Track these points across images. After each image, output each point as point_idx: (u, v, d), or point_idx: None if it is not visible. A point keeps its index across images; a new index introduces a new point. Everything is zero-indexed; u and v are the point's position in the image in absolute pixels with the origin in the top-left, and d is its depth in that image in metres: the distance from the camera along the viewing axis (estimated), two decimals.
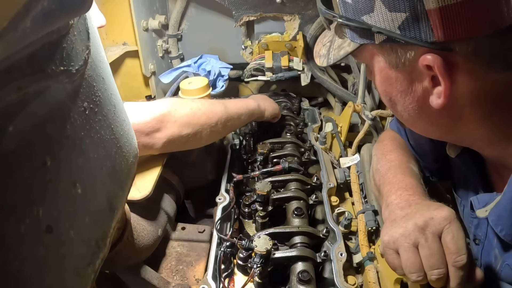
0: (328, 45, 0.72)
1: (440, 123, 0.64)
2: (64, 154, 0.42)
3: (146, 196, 0.94)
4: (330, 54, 0.70)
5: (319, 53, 0.75)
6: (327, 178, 1.07)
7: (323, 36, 0.78)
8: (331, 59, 0.70)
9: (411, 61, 0.57)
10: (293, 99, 1.54)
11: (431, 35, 0.53)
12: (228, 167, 1.16)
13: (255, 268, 0.79)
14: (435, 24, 0.52)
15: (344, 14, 0.61)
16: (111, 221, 0.57)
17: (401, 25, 0.54)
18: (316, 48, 0.78)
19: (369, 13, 0.56)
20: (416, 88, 0.60)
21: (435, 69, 0.54)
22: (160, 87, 1.66)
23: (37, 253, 0.38)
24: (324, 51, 0.73)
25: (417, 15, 0.52)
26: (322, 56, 0.73)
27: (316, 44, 0.78)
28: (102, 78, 0.51)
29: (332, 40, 0.71)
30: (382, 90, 0.68)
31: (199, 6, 1.62)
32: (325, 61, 0.72)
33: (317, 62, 0.75)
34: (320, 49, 0.75)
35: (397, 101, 0.66)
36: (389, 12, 0.54)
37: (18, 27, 0.30)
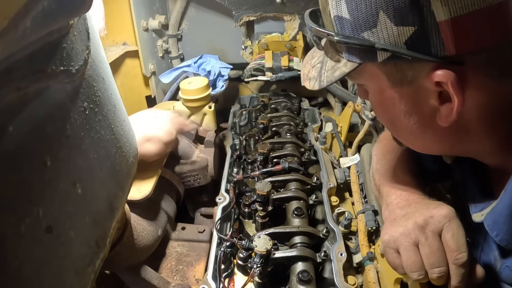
0: (319, 66, 0.67)
1: (444, 140, 0.61)
2: (64, 154, 0.42)
3: (146, 196, 0.94)
4: (323, 76, 0.65)
5: (307, 75, 0.70)
6: (327, 178, 1.07)
7: (310, 57, 0.73)
8: (323, 82, 0.64)
9: (418, 78, 0.54)
10: (293, 99, 1.54)
11: (442, 49, 0.49)
12: (228, 167, 1.16)
13: (255, 268, 0.79)
14: (447, 37, 0.48)
15: (340, 31, 0.56)
16: (111, 221, 0.57)
17: (408, 40, 0.50)
18: (303, 70, 0.72)
19: (371, 28, 0.52)
20: (422, 107, 0.57)
21: (448, 86, 0.51)
22: (160, 87, 1.66)
23: (37, 253, 0.38)
24: (314, 73, 0.68)
25: (426, 28, 0.49)
26: (313, 79, 0.68)
27: (303, 67, 0.73)
28: (102, 78, 0.51)
29: (323, 61, 0.66)
30: (382, 111, 0.64)
31: (199, 6, 1.62)
32: (317, 84, 0.66)
33: (307, 85, 0.69)
34: (309, 72, 0.70)
35: (398, 122, 0.62)
36: (395, 27, 0.50)
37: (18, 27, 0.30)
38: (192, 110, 1.36)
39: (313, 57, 0.71)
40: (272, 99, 1.53)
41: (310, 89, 0.68)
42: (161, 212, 1.09)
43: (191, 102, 1.33)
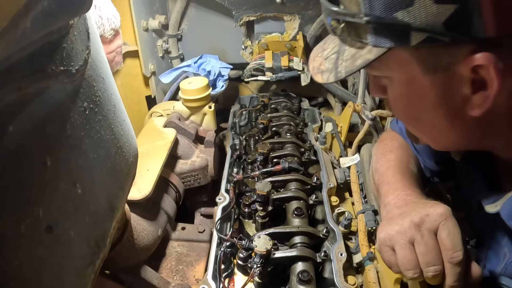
0: (334, 57, 0.61)
1: (470, 132, 0.58)
2: (64, 154, 0.42)
3: (146, 196, 0.94)
4: (340, 67, 0.59)
5: (319, 68, 0.64)
6: (327, 178, 1.07)
7: (321, 50, 0.67)
8: (341, 73, 0.58)
9: (453, 64, 0.50)
10: (293, 99, 1.54)
11: (482, 30, 0.45)
12: (228, 167, 1.16)
13: (255, 268, 0.79)
14: (488, 16, 0.44)
15: (370, 11, 0.50)
16: (111, 221, 0.57)
17: (448, 19, 0.46)
18: (313, 64, 0.67)
19: (407, 7, 0.47)
20: (453, 96, 0.53)
21: (489, 70, 0.47)
22: (160, 87, 1.66)
23: (37, 253, 0.38)
24: (328, 65, 0.62)
25: (469, 5, 0.44)
26: (326, 71, 0.62)
27: (312, 60, 0.68)
28: (102, 78, 0.51)
29: (339, 51, 0.60)
30: (406, 104, 0.59)
31: (199, 6, 1.62)
32: (332, 76, 0.60)
33: (319, 79, 0.63)
34: (321, 64, 0.64)
35: (424, 116, 0.58)
36: (435, 5, 0.45)
37: (18, 27, 0.30)
38: (192, 110, 1.36)
39: (325, 49, 0.66)
40: (272, 99, 1.53)
41: (323, 82, 0.63)
42: (161, 212, 1.09)
43: (191, 102, 1.33)
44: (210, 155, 1.28)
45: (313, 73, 0.66)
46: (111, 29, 0.95)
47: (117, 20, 0.99)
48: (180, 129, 1.27)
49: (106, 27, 0.94)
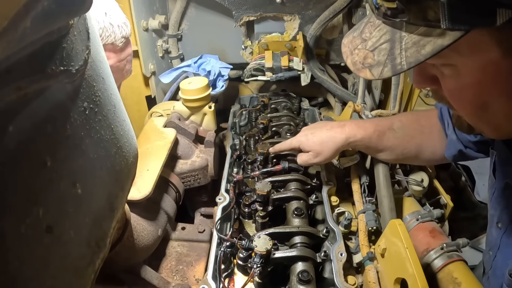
0: (387, 46, 0.53)
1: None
2: (64, 154, 0.42)
3: (146, 196, 0.94)
4: (399, 58, 0.51)
5: (364, 63, 0.56)
6: (327, 178, 1.07)
7: (359, 40, 0.59)
8: (403, 65, 0.51)
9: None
10: (293, 99, 1.54)
11: None
12: (228, 167, 1.16)
13: (255, 268, 0.79)
14: None
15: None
16: (111, 221, 0.57)
17: None
18: (352, 58, 0.59)
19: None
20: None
21: None
22: (160, 87, 1.66)
23: (37, 253, 0.38)
24: (379, 57, 0.54)
25: None
26: (378, 65, 0.54)
27: (350, 54, 0.60)
28: (102, 78, 0.51)
29: (392, 39, 0.53)
30: (475, 93, 0.54)
31: (199, 6, 1.62)
32: (389, 70, 0.52)
33: (367, 75, 0.56)
34: (366, 58, 0.56)
35: (494, 103, 0.54)
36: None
37: (18, 27, 0.30)
38: (192, 110, 1.36)
39: (366, 39, 0.58)
40: (272, 99, 1.53)
41: (375, 78, 0.55)
42: (161, 212, 1.09)
43: (191, 102, 1.33)
44: (210, 155, 1.28)
45: (355, 69, 0.58)
46: (122, 37, 0.95)
47: (128, 28, 0.98)
48: (180, 129, 1.27)
49: (117, 35, 0.93)
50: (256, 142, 1.29)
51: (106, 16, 0.91)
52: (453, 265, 0.90)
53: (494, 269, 0.78)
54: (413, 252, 0.72)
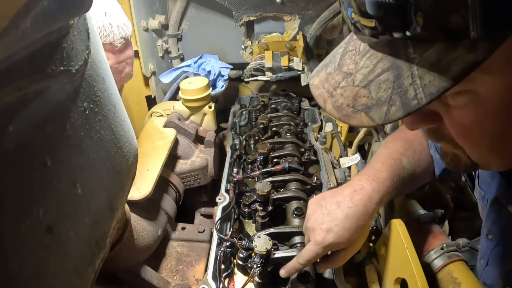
0: (389, 77, 0.40)
1: None
2: (64, 154, 0.42)
3: (146, 196, 0.94)
4: (413, 90, 0.38)
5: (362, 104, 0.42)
6: (327, 178, 1.07)
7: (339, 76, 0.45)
8: (420, 98, 0.37)
9: None
10: (293, 99, 1.54)
11: None
12: (228, 167, 1.16)
13: (255, 268, 0.79)
14: None
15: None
16: (111, 221, 0.57)
17: None
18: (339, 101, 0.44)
19: None
20: None
21: None
22: (160, 87, 1.66)
23: (37, 253, 0.38)
24: (381, 94, 0.40)
25: None
26: (379, 103, 0.40)
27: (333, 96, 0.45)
28: (102, 78, 0.51)
29: (397, 66, 0.39)
30: (503, 121, 0.42)
31: (199, 6, 1.62)
32: (400, 109, 0.39)
33: (364, 122, 0.42)
34: (357, 97, 0.42)
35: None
36: None
37: (18, 27, 0.30)
38: (192, 110, 1.36)
39: (350, 72, 0.44)
40: (272, 99, 1.53)
41: (378, 124, 0.41)
42: (161, 212, 1.09)
43: (191, 102, 1.33)
44: (210, 155, 1.28)
45: (342, 115, 0.44)
46: (121, 38, 0.94)
47: (128, 29, 0.97)
48: (180, 129, 1.27)
49: (116, 35, 0.92)
50: (256, 142, 1.29)
51: (106, 16, 0.90)
52: (453, 265, 0.90)
53: (484, 278, 0.78)
54: (413, 252, 0.72)
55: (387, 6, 0.35)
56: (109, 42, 0.92)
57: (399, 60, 0.39)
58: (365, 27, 0.39)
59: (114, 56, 0.96)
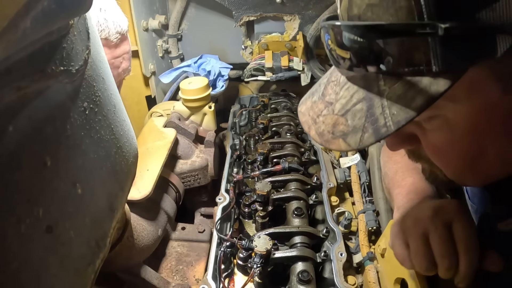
0: (363, 107, 0.43)
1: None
2: (64, 154, 0.42)
3: (146, 196, 0.94)
4: (383, 119, 0.41)
5: (340, 130, 0.45)
6: (327, 178, 1.07)
7: (321, 105, 0.49)
8: (389, 126, 0.41)
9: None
10: (293, 99, 1.54)
11: None
12: (228, 167, 1.16)
13: (255, 268, 0.79)
14: None
15: (437, 17, 0.34)
16: (111, 221, 0.57)
17: None
18: (321, 127, 0.48)
19: (492, 2, 0.33)
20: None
21: None
22: (160, 87, 1.66)
23: (37, 253, 0.38)
24: (356, 122, 0.44)
25: None
26: (354, 130, 0.44)
27: (316, 123, 0.49)
28: (102, 78, 0.51)
29: (370, 97, 0.43)
30: (469, 142, 0.45)
31: (199, 6, 1.62)
32: (371, 135, 0.42)
33: (342, 146, 0.45)
34: (336, 124, 0.46)
35: (490, 149, 0.46)
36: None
37: (18, 27, 0.30)
38: (192, 110, 1.36)
39: (331, 102, 0.48)
40: (272, 99, 1.53)
41: (353, 149, 0.45)
42: (161, 212, 1.09)
43: (191, 102, 1.33)
44: (210, 155, 1.28)
45: (323, 140, 0.48)
46: (117, 33, 0.94)
47: (124, 24, 0.97)
48: (180, 129, 1.27)
49: (112, 30, 0.92)
50: (256, 142, 1.29)
51: (101, 11, 0.90)
52: None
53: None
54: None
55: (359, 43, 0.38)
56: (104, 37, 0.92)
57: (371, 91, 0.43)
58: (340, 57, 0.43)
59: (110, 51, 0.96)
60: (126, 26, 0.98)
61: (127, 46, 1.02)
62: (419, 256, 0.58)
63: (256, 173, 1.09)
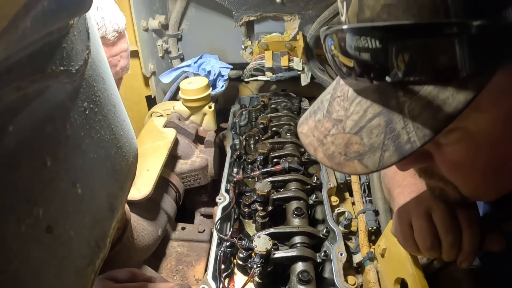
0: (381, 122, 0.39)
1: None
2: (64, 154, 0.42)
3: (146, 196, 0.94)
4: (406, 134, 0.37)
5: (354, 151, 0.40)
6: (327, 178, 1.07)
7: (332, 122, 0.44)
8: (414, 142, 0.36)
9: None
10: (293, 99, 1.54)
11: None
12: (228, 167, 1.16)
13: (255, 268, 0.79)
14: None
15: (462, 13, 0.31)
16: (111, 221, 0.57)
17: None
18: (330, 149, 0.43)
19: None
20: None
21: None
22: (160, 87, 1.66)
23: (37, 253, 0.38)
24: (374, 139, 0.39)
25: None
26: (372, 149, 0.39)
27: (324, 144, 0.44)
28: (102, 78, 0.51)
29: (388, 110, 0.38)
30: (494, 154, 0.41)
31: (199, 6, 1.62)
32: (393, 153, 0.38)
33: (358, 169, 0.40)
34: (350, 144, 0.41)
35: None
36: None
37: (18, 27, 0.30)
38: (192, 110, 1.36)
39: (339, 119, 0.43)
40: (272, 99, 1.53)
41: (371, 171, 0.40)
42: (161, 212, 1.09)
43: (191, 102, 1.33)
44: (210, 155, 1.28)
45: (334, 164, 0.42)
46: (114, 31, 0.94)
47: (122, 22, 0.97)
48: (180, 129, 1.27)
49: (109, 29, 0.92)
50: (256, 142, 1.29)
51: (98, 10, 0.91)
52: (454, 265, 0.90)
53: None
54: None
55: (375, 49, 0.34)
56: (102, 35, 0.92)
57: (389, 104, 0.38)
58: (348, 67, 0.38)
59: (107, 50, 0.96)
60: (123, 24, 0.98)
61: (124, 44, 1.02)
62: (423, 232, 0.56)
63: (256, 173, 1.09)
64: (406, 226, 0.60)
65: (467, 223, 0.54)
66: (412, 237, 0.59)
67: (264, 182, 0.99)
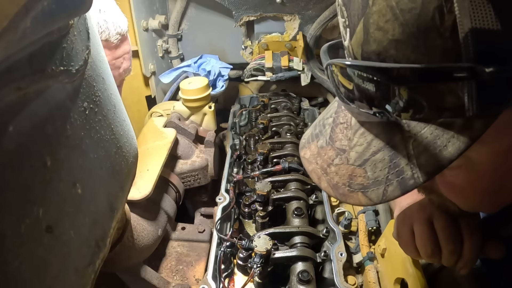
0: (385, 157, 0.39)
1: None
2: (64, 154, 0.42)
3: (146, 196, 0.94)
4: (410, 170, 0.37)
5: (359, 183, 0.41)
6: None
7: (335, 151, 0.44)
8: (417, 178, 0.37)
9: None
10: (293, 99, 1.54)
11: None
12: (228, 167, 1.16)
13: (255, 268, 0.79)
14: None
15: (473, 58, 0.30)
16: (111, 221, 0.57)
17: None
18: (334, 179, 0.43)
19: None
20: None
21: None
22: (160, 87, 1.66)
23: (37, 253, 0.38)
24: (378, 173, 0.39)
25: None
26: (376, 183, 0.39)
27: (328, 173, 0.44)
28: (102, 78, 0.51)
29: (392, 145, 0.39)
30: (495, 180, 0.42)
31: (199, 6, 1.62)
32: (397, 188, 0.38)
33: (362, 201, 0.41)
34: (354, 176, 0.41)
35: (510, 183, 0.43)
36: None
37: (18, 27, 0.30)
38: (192, 110, 1.36)
39: (343, 149, 0.43)
40: (272, 99, 1.53)
41: (374, 203, 0.40)
42: (161, 212, 1.09)
43: (191, 102, 1.33)
44: (210, 155, 1.28)
45: (338, 194, 0.42)
46: (117, 33, 0.94)
47: (124, 25, 0.97)
48: (180, 129, 1.27)
49: (112, 31, 0.92)
50: (256, 142, 1.29)
51: (100, 12, 0.90)
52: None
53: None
54: None
55: (381, 87, 0.34)
56: (105, 38, 0.92)
57: (393, 139, 0.38)
58: (351, 97, 0.38)
59: (111, 52, 0.96)
60: (126, 26, 0.98)
61: (127, 46, 1.02)
62: (424, 239, 0.57)
63: (256, 173, 1.09)
64: (408, 231, 0.61)
65: (469, 232, 0.55)
66: (413, 243, 0.60)
67: (264, 182, 0.99)
